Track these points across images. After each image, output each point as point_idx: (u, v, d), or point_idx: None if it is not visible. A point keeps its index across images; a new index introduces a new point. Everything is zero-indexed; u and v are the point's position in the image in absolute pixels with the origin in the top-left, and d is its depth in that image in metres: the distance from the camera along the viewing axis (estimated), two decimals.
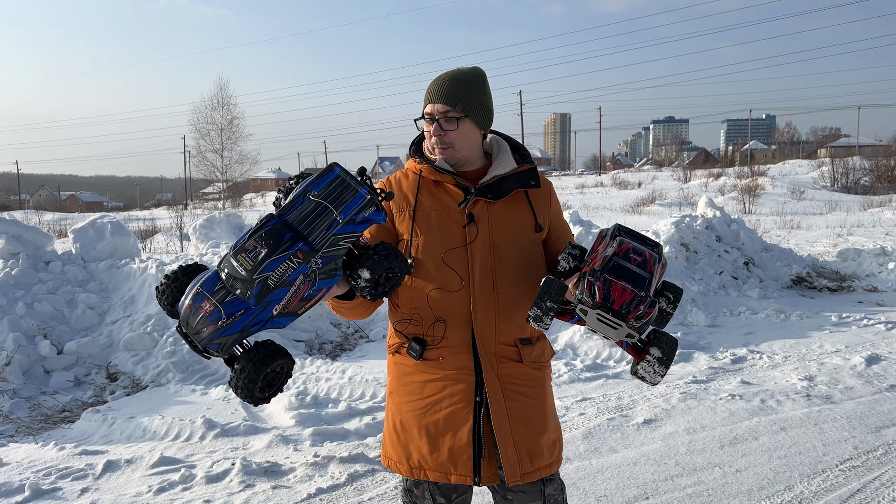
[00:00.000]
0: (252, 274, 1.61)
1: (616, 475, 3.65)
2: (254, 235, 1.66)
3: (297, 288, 1.66)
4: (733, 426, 4.29)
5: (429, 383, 1.99)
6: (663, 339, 1.84)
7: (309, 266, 1.65)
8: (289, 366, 1.74)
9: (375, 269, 1.74)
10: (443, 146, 1.98)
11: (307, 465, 3.80)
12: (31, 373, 5.84)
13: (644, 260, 1.81)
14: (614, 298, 1.70)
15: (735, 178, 35.10)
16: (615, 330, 1.72)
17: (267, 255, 1.62)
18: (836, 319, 7.14)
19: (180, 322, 1.69)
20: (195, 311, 1.66)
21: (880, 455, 3.83)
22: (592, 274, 1.75)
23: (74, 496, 3.58)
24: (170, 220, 23.97)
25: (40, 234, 7.46)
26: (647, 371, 1.84)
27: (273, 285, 1.62)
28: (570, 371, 5.47)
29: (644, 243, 1.91)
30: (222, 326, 1.62)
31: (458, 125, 1.97)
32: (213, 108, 40.42)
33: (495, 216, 1.99)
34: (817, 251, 11.88)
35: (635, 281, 1.75)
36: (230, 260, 1.66)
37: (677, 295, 1.92)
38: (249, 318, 1.63)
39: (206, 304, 1.65)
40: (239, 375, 1.64)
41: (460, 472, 1.95)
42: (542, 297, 1.78)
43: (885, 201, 24.50)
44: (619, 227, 1.99)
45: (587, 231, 8.65)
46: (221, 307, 1.63)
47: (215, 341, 1.63)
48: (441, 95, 1.96)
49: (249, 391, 1.64)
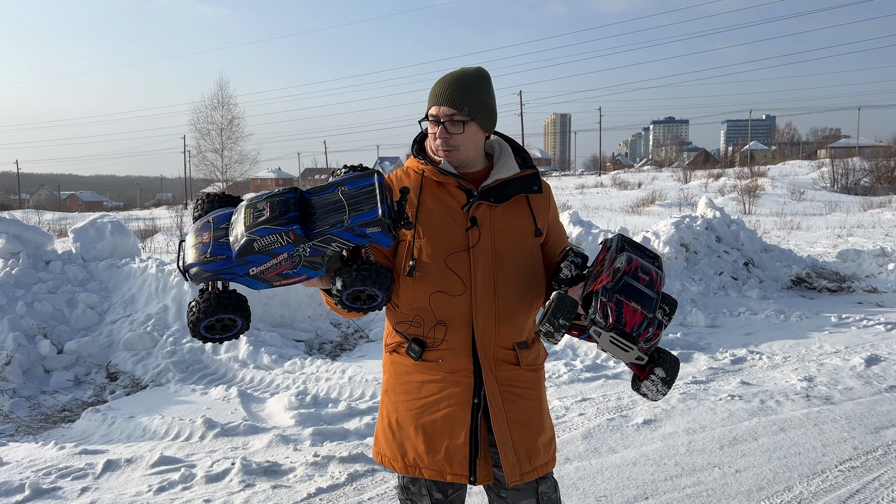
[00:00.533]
0: (245, 231, 1.71)
1: (615, 475, 3.65)
2: (271, 198, 1.76)
3: (278, 263, 1.74)
4: (733, 426, 4.29)
5: (427, 384, 2.00)
6: (667, 360, 1.85)
7: (296, 249, 1.72)
8: (243, 327, 1.82)
9: (347, 282, 1.77)
10: (447, 148, 1.98)
11: (307, 465, 3.81)
12: (31, 372, 5.84)
13: (651, 280, 1.83)
14: (626, 320, 1.72)
15: (735, 178, 35.11)
16: (626, 352, 1.75)
17: (265, 221, 1.70)
18: (835, 320, 7.14)
19: (183, 235, 1.81)
20: (197, 235, 1.80)
21: (880, 456, 3.83)
22: (605, 294, 1.77)
23: (74, 495, 3.58)
24: (170, 220, 23.97)
25: (40, 233, 7.46)
26: (649, 389, 1.85)
27: (256, 249, 1.71)
28: (569, 371, 5.47)
29: (645, 256, 1.93)
30: (202, 261, 1.74)
31: (464, 128, 1.96)
32: (213, 107, 40.41)
33: (497, 220, 2.00)
34: (817, 252, 11.88)
35: (644, 302, 1.77)
36: (244, 207, 1.78)
37: (672, 307, 1.95)
38: (225, 266, 1.74)
39: (206, 234, 1.79)
40: (199, 305, 1.75)
41: (456, 472, 1.97)
42: (555, 313, 1.77)
43: (884, 202, 24.49)
44: (622, 238, 2.00)
45: (587, 231, 8.65)
46: (212, 244, 1.75)
47: (192, 270, 1.76)
48: (447, 98, 1.96)
49: (196, 322, 1.74)
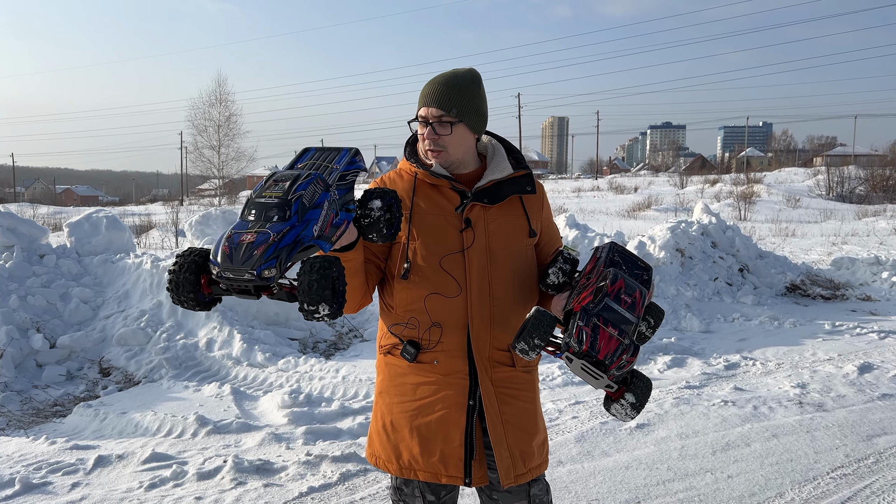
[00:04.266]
0: (287, 195, 1.62)
1: (608, 479, 3.65)
2: (270, 179, 1.70)
3: (326, 212, 1.68)
4: (726, 432, 4.29)
5: (422, 386, 1.99)
6: (639, 385, 1.82)
7: (330, 194, 1.70)
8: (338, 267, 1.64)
9: (384, 196, 1.79)
10: (436, 149, 1.97)
11: (299, 464, 3.80)
12: (24, 366, 5.81)
13: (633, 302, 1.81)
14: (600, 348, 1.71)
15: (731, 184, 35.20)
16: (596, 380, 1.75)
17: (294, 182, 1.65)
18: (829, 327, 7.16)
19: (221, 268, 1.59)
20: (236, 245, 1.58)
21: (871, 463, 3.84)
22: (583, 317, 1.76)
23: (65, 491, 3.56)
24: (165, 216, 23.87)
25: (35, 227, 7.43)
26: (618, 412, 1.84)
27: (308, 204, 1.64)
28: (563, 374, 5.47)
29: (637, 267, 1.92)
30: (274, 241, 1.57)
31: (452, 130, 1.96)
32: (210, 104, 40.42)
33: (491, 221, 1.99)
34: (812, 259, 11.92)
35: (622, 326, 1.76)
36: (256, 201, 1.66)
37: (658, 318, 1.93)
38: (298, 232, 1.60)
39: (246, 236, 1.60)
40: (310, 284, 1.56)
41: (451, 474, 1.96)
42: (531, 332, 1.76)
43: (879, 211, 24.58)
44: (613, 247, 2.00)
45: (583, 235, 8.66)
46: (266, 229, 1.59)
47: (270, 257, 1.55)
48: (435, 99, 1.95)
49: (321, 291, 1.56)
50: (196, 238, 9.54)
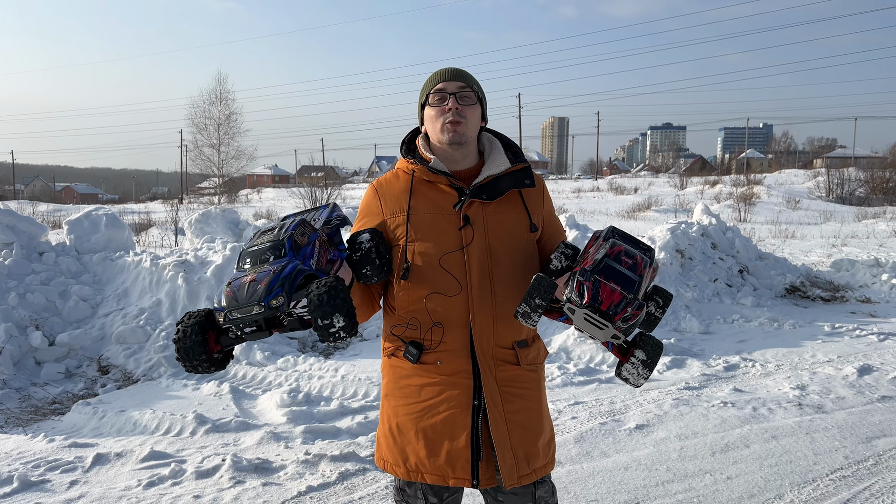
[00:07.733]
0: (278, 237, 1.74)
1: (607, 480, 3.65)
2: (256, 233, 1.86)
3: (318, 249, 1.80)
4: (725, 433, 4.29)
5: (426, 387, 1.97)
6: (648, 343, 1.85)
7: (318, 234, 1.82)
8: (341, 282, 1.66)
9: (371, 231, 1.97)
10: (458, 119, 1.95)
11: (298, 463, 3.79)
12: (22, 364, 5.80)
13: (635, 263, 1.82)
14: (602, 299, 1.71)
15: (731, 186, 35.20)
16: (601, 330, 1.73)
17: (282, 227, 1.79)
18: (828, 329, 7.16)
19: (227, 310, 1.63)
20: (238, 287, 1.64)
21: (870, 465, 3.84)
22: (582, 274, 1.76)
23: (63, 488, 3.56)
24: (165, 214, 23.87)
25: (34, 224, 7.43)
26: (630, 373, 1.85)
27: (300, 242, 1.75)
28: (563, 375, 5.47)
29: (637, 247, 1.91)
30: (276, 273, 1.64)
31: (476, 101, 2.01)
32: (210, 102, 40.41)
33: (490, 217, 1.97)
34: (811, 261, 11.92)
35: (624, 283, 1.75)
36: (248, 251, 1.78)
37: (667, 300, 1.93)
38: (297, 264, 1.70)
39: (246, 278, 1.67)
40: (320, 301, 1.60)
41: (458, 476, 1.94)
42: (531, 293, 1.78)
43: (879, 213, 24.58)
44: (612, 229, 1.99)
45: (583, 235, 8.65)
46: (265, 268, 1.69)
47: (275, 286, 1.61)
48: (456, 76, 2.00)
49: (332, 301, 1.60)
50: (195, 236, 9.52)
